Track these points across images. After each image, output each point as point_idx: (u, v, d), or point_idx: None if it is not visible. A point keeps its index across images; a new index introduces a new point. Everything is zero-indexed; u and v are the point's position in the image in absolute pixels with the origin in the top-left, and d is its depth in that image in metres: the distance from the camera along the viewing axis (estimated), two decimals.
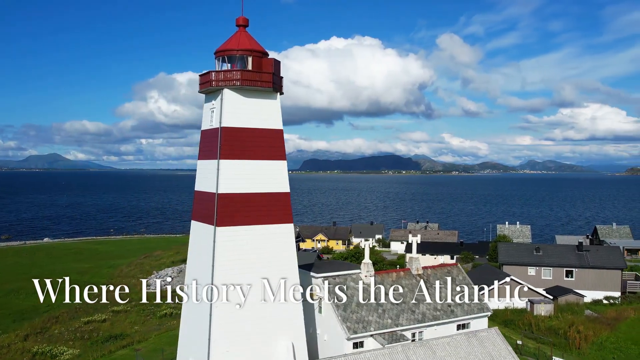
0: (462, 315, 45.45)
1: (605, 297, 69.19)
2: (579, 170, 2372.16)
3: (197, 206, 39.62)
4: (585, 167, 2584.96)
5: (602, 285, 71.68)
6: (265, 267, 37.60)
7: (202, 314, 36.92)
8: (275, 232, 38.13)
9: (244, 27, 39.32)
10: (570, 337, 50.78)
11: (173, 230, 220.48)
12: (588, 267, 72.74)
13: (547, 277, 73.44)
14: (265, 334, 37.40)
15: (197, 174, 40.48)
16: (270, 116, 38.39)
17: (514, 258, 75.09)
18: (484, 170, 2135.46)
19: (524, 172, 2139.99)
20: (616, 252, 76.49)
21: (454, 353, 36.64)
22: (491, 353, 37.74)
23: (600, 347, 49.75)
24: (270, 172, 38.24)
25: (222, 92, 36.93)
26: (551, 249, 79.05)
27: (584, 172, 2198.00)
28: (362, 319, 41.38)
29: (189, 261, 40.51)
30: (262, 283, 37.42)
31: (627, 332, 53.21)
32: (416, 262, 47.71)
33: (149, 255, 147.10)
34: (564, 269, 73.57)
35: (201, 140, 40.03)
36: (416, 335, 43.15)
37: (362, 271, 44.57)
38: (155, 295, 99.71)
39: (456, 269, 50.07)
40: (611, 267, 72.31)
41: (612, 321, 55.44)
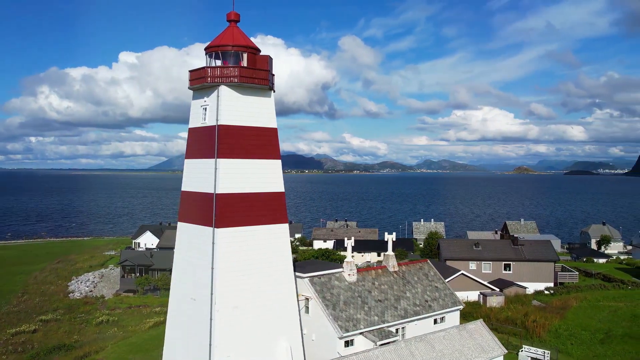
0: (438, 309, 46.84)
1: (546, 288, 73.90)
2: (471, 169, 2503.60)
3: (188, 207, 38.09)
4: (477, 166, 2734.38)
5: (537, 277, 76.46)
6: (264, 268, 36.92)
7: (201, 319, 35.61)
8: (272, 233, 37.52)
9: (235, 23, 38.29)
10: (529, 327, 53.87)
11: (79, 233, 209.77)
12: (524, 260, 77.30)
13: (487, 271, 77.22)
14: (264, 336, 36.71)
15: (185, 174, 38.93)
16: (265, 114, 37.68)
17: (456, 254, 78.29)
18: (384, 169, 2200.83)
19: (421, 171, 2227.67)
20: (548, 246, 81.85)
21: (450, 346, 37.82)
22: (481, 344, 39.29)
23: (556, 335, 53.17)
24: (266, 172, 37.56)
25: (218, 89, 35.76)
26: (489, 244, 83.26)
27: (476, 171, 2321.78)
28: (351, 317, 41.58)
29: (177, 264, 38.90)
30: (262, 284, 36.69)
31: (574, 319, 57.19)
32: (392, 259, 48.61)
33: (63, 260, 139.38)
34: (502, 263, 77.70)
35: (190, 138, 38.54)
36: (399, 330, 43.93)
37: (345, 270, 44.75)
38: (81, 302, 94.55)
39: (427, 265, 51.52)
40: (545, 260, 77.32)
41: (559, 310, 59.39)
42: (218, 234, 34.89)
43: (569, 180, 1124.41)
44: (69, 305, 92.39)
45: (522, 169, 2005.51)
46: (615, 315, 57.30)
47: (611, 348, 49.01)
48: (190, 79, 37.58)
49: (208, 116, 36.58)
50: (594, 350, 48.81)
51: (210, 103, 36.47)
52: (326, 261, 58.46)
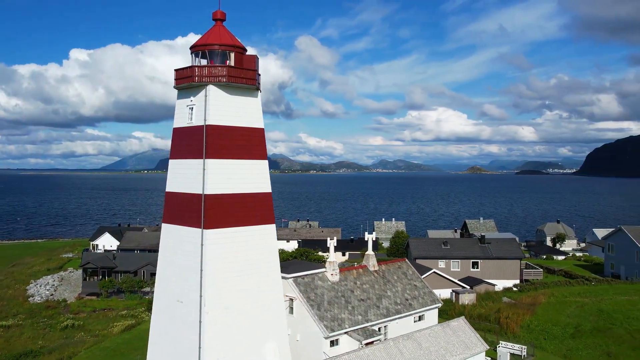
0: (418, 307, 47.50)
1: (514, 285, 75.83)
2: (425, 169, 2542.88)
3: (174, 208, 37.44)
4: (432, 166, 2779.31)
5: (504, 275, 78.47)
6: (253, 269, 36.68)
7: (189, 321, 35.11)
8: (260, 233, 37.28)
9: (221, 22, 37.91)
10: (503, 323, 55.21)
11: (30, 235, 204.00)
12: (491, 258, 79.19)
13: (455, 269, 78.73)
14: (253, 337, 36.48)
15: (170, 174, 38.29)
16: (253, 114, 37.43)
17: (426, 252, 79.54)
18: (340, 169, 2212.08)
19: (377, 171, 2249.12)
20: (514, 244, 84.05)
21: (435, 343, 38.45)
22: (464, 341, 40.09)
23: (529, 330, 54.68)
24: (254, 172, 37.31)
25: (206, 89, 35.31)
26: (457, 242, 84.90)
27: (430, 171, 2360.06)
28: (336, 317, 41.77)
29: (162, 266, 38.16)
30: (250, 285, 36.46)
31: (544, 315, 58.86)
32: (372, 258, 49.04)
33: (18, 263, 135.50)
34: (470, 261, 79.36)
35: (175, 138, 37.90)
36: (382, 329, 44.37)
37: (328, 270, 44.90)
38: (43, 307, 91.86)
39: (405, 264, 52.16)
40: (511, 258, 79.38)
41: (529, 306, 60.99)
42: (207, 235, 34.48)
43: (520, 179, 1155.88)
44: (29, 309, 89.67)
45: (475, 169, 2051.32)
46: (583, 310, 59.21)
47: (582, 342, 50.72)
48: (176, 78, 36.98)
49: (195, 116, 36.08)
50: (566, 345, 50.43)
51: (197, 103, 35.99)
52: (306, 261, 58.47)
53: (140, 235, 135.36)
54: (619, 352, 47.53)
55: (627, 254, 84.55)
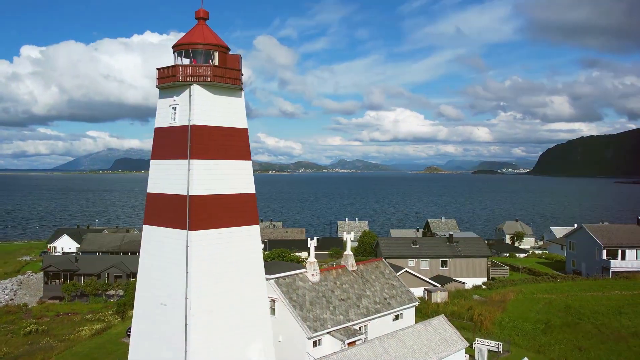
0: (397, 306, 47.99)
1: (483, 283, 77.34)
2: (384, 169, 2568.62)
3: (156, 210, 36.77)
4: (389, 166, 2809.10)
5: (472, 273, 79.98)
6: (239, 270, 36.41)
7: (173, 324, 34.57)
8: (245, 234, 37.03)
9: (204, 20, 37.48)
10: (476, 320, 56.28)
11: None
12: (460, 256, 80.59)
13: (425, 268, 79.77)
14: (239, 339, 36.19)
15: (151, 175, 37.59)
16: (236, 114, 37.14)
17: (396, 251, 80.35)
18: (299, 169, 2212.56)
19: (336, 171, 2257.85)
20: (481, 242, 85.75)
21: (418, 341, 38.93)
22: (445, 338, 40.74)
23: (501, 327, 55.90)
24: (239, 173, 37.03)
25: (190, 88, 34.85)
26: (426, 241, 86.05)
27: (388, 171, 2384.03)
28: (318, 317, 41.82)
29: (143, 269, 37.45)
30: (236, 287, 36.17)
31: (514, 311, 60.30)
32: (351, 258, 49.28)
33: None
34: (439, 260, 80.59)
35: (157, 138, 37.25)
36: (362, 328, 44.65)
37: (309, 270, 44.95)
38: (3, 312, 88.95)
39: (382, 263, 52.61)
40: (479, 256, 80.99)
41: (499, 303, 62.37)
42: (192, 237, 34.03)
43: (476, 179, 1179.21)
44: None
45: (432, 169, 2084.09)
46: (551, 306, 60.91)
47: (553, 337, 52.14)
48: (159, 77, 36.32)
49: (178, 116, 35.54)
50: (538, 340, 51.73)
51: (180, 102, 35.47)
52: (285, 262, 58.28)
53: (101, 237, 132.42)
54: (589, 346, 49.05)
55: (588, 252, 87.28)
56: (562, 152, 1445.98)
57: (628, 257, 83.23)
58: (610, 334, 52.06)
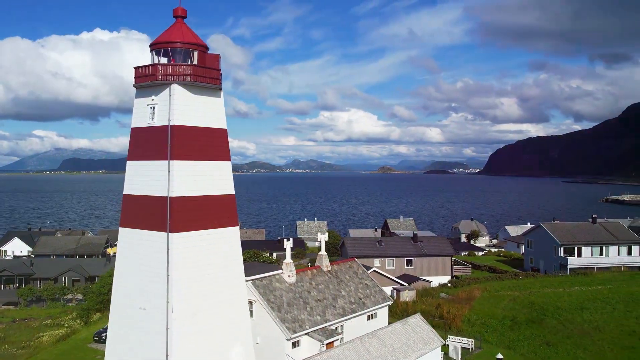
0: (371, 306, 48.35)
1: (449, 281, 78.61)
2: (337, 169, 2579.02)
3: (134, 212, 35.96)
4: (343, 166, 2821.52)
5: (436, 271, 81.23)
6: (220, 273, 36.05)
7: (153, 329, 33.89)
8: (225, 236, 36.70)
9: (182, 19, 36.92)
10: (446, 318, 57.24)
11: None
12: (424, 255, 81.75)
13: (390, 267, 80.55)
14: (221, 342, 35.81)
15: (128, 176, 36.79)
16: (216, 115, 36.76)
17: (362, 251, 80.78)
18: (253, 169, 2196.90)
19: (290, 171, 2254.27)
20: (444, 241, 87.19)
21: (398, 340, 39.36)
22: (423, 337, 41.30)
23: (470, 324, 57.03)
24: (219, 174, 36.67)
25: (170, 88, 34.29)
26: (391, 241, 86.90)
27: (342, 171, 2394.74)
28: (296, 318, 41.73)
29: (120, 272, 36.56)
30: (218, 289, 35.76)
31: (481, 308, 61.59)
32: (325, 259, 49.34)
33: None
34: (404, 259, 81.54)
35: (135, 138, 36.47)
36: (338, 328, 44.79)
37: (285, 271, 44.78)
38: None
39: (355, 263, 52.89)
40: (443, 255, 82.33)
41: (466, 301, 63.60)
42: (173, 239, 33.47)
43: (429, 179, 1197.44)
44: None
45: (385, 169, 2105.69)
46: (515, 303, 62.52)
47: (521, 333, 53.53)
48: (137, 76, 35.59)
49: (157, 116, 34.90)
50: (507, 337, 53.04)
51: (159, 102, 34.82)
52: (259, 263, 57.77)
53: (55, 240, 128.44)
54: (556, 341, 50.60)
55: (546, 249, 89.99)
56: (511, 152, 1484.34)
57: (584, 254, 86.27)
58: (575, 329, 53.87)
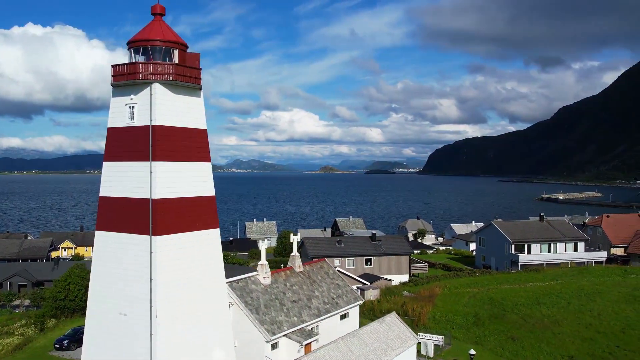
0: (344, 306, 48.60)
1: (409, 279, 79.95)
2: (280, 169, 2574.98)
3: (112, 215, 34.82)
4: (285, 166, 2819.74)
5: (395, 270, 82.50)
6: (201, 276, 35.43)
7: (135, 335, 32.94)
8: (206, 238, 36.08)
9: (161, 16, 36.05)
10: (412, 315, 58.20)
11: None
12: (383, 254, 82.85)
13: (350, 267, 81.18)
14: (203, 346, 35.20)
15: (105, 178, 35.58)
16: (197, 115, 36.08)
17: (321, 251, 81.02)
18: None
19: (231, 170, 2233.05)
20: (402, 240, 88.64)
21: (377, 339, 39.81)
22: (400, 335, 41.92)
23: (435, 321, 58.23)
24: (200, 175, 36.03)
25: (151, 87, 33.42)
26: (350, 240, 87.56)
27: (284, 171, 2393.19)
28: (274, 319, 41.48)
29: (97, 277, 35.33)
30: (200, 293, 35.11)
31: (444, 306, 63.00)
32: (298, 259, 49.26)
33: None
34: (364, 258, 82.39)
35: (112, 139, 35.30)
36: (314, 329, 44.82)
37: (260, 273, 44.41)
38: None
39: (325, 264, 53.03)
40: (401, 253, 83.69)
41: (429, 298, 64.86)
42: (156, 242, 32.63)
43: (370, 178, 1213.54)
44: None
45: (327, 169, 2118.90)
46: (476, 299, 64.28)
47: (486, 329, 55.13)
48: (115, 74, 34.47)
49: (137, 116, 33.93)
50: (473, 332, 54.50)
51: (139, 101, 33.87)
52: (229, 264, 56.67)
53: None
54: (521, 336, 52.39)
55: (497, 247, 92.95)
56: (449, 152, 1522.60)
57: (534, 251, 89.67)
58: (535, 323, 55.88)
